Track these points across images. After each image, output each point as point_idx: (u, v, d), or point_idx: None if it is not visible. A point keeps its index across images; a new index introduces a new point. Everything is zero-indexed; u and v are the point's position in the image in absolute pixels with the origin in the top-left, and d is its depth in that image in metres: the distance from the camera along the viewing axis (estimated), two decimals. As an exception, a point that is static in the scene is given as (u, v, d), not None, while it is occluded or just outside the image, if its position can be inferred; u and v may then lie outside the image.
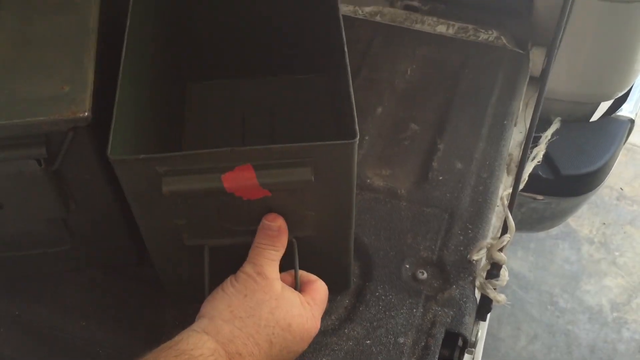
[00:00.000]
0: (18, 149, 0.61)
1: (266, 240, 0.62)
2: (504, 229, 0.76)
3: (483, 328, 0.80)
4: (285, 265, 0.64)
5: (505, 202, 0.77)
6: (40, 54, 0.65)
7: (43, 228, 0.70)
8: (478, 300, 0.77)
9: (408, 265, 0.78)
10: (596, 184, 1.03)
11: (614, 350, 1.54)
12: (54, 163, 0.62)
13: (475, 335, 0.76)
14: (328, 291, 0.65)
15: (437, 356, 0.71)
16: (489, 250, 0.75)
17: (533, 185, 0.94)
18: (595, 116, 1.11)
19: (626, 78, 1.03)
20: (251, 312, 0.58)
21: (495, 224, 0.87)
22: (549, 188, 1.02)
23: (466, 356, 0.75)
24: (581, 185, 1.02)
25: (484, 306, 0.77)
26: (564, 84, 1.02)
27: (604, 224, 1.73)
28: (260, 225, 0.62)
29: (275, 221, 0.62)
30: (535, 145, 0.92)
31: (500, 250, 0.74)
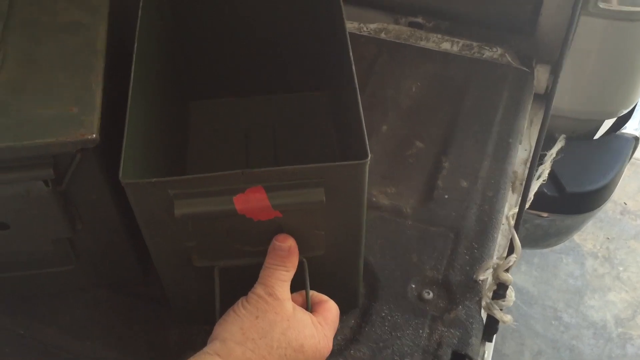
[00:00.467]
0: (26, 170, 0.61)
1: (277, 261, 0.62)
2: (510, 249, 0.76)
3: (489, 349, 0.80)
4: (295, 284, 0.63)
5: (511, 222, 0.77)
6: (49, 75, 0.65)
7: (49, 248, 0.70)
8: (484, 320, 0.77)
9: (414, 285, 0.78)
10: (601, 202, 1.02)
11: (618, 365, 1.53)
12: (61, 184, 0.63)
13: (482, 356, 0.76)
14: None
15: (444, 377, 0.71)
16: (495, 270, 0.75)
17: (538, 202, 0.94)
18: (599, 133, 1.12)
19: (630, 96, 1.03)
20: (263, 334, 0.58)
21: (500, 242, 0.87)
22: (554, 205, 1.02)
23: (473, 377, 0.74)
24: (586, 202, 1.02)
25: (490, 327, 0.77)
26: (568, 101, 1.03)
27: (607, 238, 1.73)
28: (270, 245, 0.62)
29: (286, 241, 0.62)
30: (541, 163, 0.92)
31: (507, 270, 0.74)
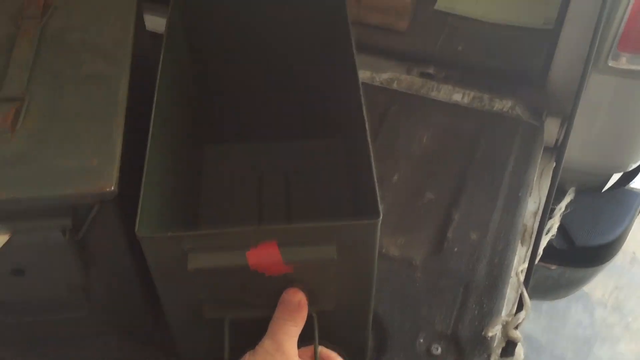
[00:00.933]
0: (44, 220, 0.62)
1: (286, 315, 0.62)
2: (519, 305, 0.76)
3: (497, 405, 0.79)
4: (303, 337, 0.64)
5: (521, 278, 0.77)
6: (70, 126, 0.66)
7: (62, 294, 0.71)
8: (493, 377, 0.77)
9: (422, 339, 0.78)
10: (610, 256, 1.03)
11: (628, 418, 1.51)
12: (78, 233, 0.64)
13: (490, 412, 0.75)
14: None
15: None
16: (504, 327, 0.75)
17: (547, 254, 0.94)
18: (608, 185, 1.12)
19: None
20: None
21: (509, 296, 0.87)
22: (563, 258, 1.02)
23: None
24: (595, 256, 1.02)
25: (499, 383, 0.76)
26: (578, 154, 1.04)
27: (617, 287, 1.72)
28: (280, 299, 0.63)
29: (296, 296, 0.62)
30: (550, 217, 0.92)
31: (516, 327, 0.74)
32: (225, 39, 0.86)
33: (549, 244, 0.97)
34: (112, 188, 0.61)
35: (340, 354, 0.66)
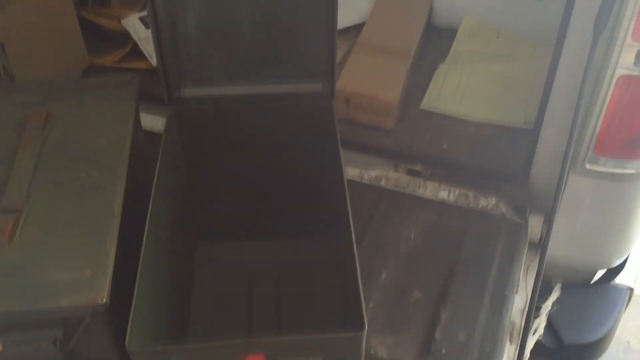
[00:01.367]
0: (36, 331, 0.63)
1: None
2: (508, 410, 0.76)
3: None
4: None
5: (508, 382, 0.77)
6: (66, 236, 0.69)
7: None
8: None
9: None
10: (599, 353, 1.03)
11: None
12: (69, 344, 0.65)
13: None
14: None
15: None
16: None
17: (536, 352, 0.95)
18: (594, 278, 1.14)
19: (622, 247, 1.06)
20: None
21: (498, 398, 0.87)
22: (553, 356, 1.02)
23: None
24: (584, 354, 1.02)
25: None
26: (562, 251, 1.06)
27: (612, 377, 1.69)
28: None
29: None
30: (537, 316, 0.93)
31: None
32: (218, 146, 0.90)
33: (538, 341, 0.97)
34: (104, 300, 0.62)
35: None
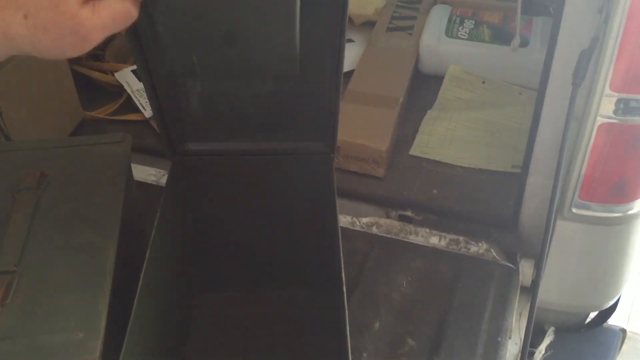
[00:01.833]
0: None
1: None
2: None
3: None
4: None
5: None
6: (58, 297, 0.69)
7: None
8: None
9: None
10: (595, 398, 1.03)
11: None
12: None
13: None
14: None
15: None
16: None
17: (532, 400, 0.94)
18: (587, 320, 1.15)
19: (613, 290, 1.07)
20: None
21: None
22: (549, 402, 1.02)
23: None
24: (580, 399, 1.02)
25: None
26: (554, 295, 1.07)
27: (613, 419, 1.68)
28: None
29: None
30: (531, 362, 0.94)
31: None
32: (218, 197, 0.91)
33: (533, 389, 0.97)
34: (96, 363, 0.63)
35: None
